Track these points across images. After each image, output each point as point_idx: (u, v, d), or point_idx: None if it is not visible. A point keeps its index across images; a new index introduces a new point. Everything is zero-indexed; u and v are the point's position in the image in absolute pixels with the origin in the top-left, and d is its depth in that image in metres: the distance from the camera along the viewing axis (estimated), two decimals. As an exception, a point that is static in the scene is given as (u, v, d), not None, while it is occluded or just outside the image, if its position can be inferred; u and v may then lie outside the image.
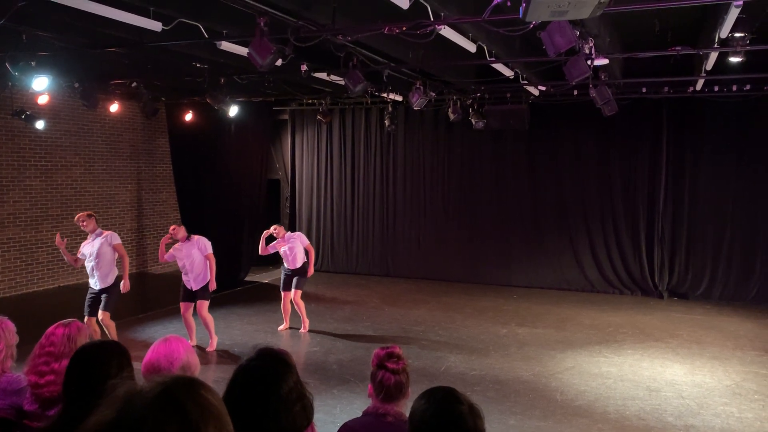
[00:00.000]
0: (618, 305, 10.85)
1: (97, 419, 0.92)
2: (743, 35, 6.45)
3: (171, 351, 2.39)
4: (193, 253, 8.07)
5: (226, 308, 10.31)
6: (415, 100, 9.49)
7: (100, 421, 0.91)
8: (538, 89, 10.62)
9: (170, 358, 2.35)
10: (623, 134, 11.60)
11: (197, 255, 8.08)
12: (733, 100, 10.50)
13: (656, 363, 7.73)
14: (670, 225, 11.57)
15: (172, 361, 2.33)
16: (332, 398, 6.41)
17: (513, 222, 12.56)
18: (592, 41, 6.29)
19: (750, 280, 11.12)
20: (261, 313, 10.22)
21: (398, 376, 2.59)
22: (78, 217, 7.79)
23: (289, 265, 9.07)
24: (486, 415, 5.74)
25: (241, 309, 10.45)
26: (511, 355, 8.07)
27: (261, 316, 9.99)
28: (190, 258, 8.07)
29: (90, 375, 2.19)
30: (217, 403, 1.01)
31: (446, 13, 5.67)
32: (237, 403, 1.82)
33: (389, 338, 8.69)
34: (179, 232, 8.12)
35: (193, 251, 8.08)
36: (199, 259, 8.08)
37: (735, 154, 11.08)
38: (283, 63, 7.51)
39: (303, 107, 13.60)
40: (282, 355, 2.00)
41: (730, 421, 5.96)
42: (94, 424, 0.92)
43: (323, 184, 14.16)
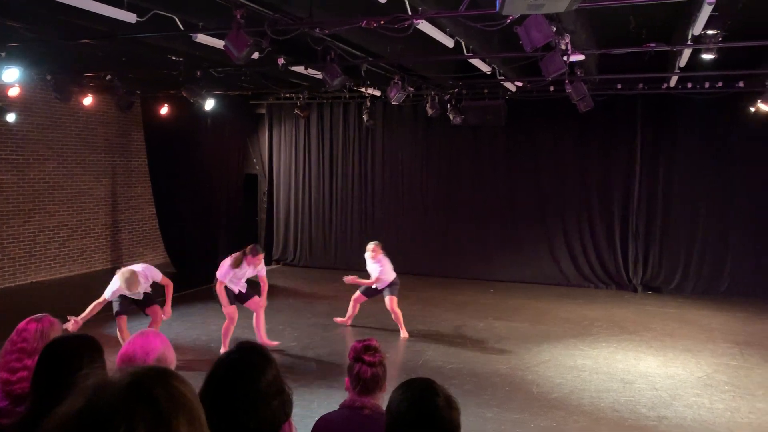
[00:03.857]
0: (593, 299, 10.99)
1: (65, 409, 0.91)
2: (716, 33, 6.55)
3: (147, 343, 2.37)
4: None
5: (203, 303, 10.21)
6: (393, 94, 9.49)
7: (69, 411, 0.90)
8: (515, 85, 10.67)
9: (146, 350, 2.33)
10: (599, 130, 11.73)
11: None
12: (706, 96, 10.66)
13: (630, 355, 7.85)
14: (644, 220, 11.74)
15: (147, 352, 2.31)
16: (310, 393, 6.40)
17: (491, 217, 12.63)
18: (568, 37, 6.35)
19: (721, 275, 11.34)
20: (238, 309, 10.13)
21: (375, 368, 2.60)
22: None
23: (381, 286, 8.74)
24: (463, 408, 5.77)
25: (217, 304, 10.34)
26: (489, 348, 8.13)
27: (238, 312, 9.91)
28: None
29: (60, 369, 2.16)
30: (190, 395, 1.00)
31: (424, 8, 5.68)
32: (215, 396, 1.81)
33: (368, 333, 8.70)
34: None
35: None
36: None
37: (707, 151, 11.27)
38: (260, 56, 7.48)
39: (280, 101, 13.52)
40: (261, 349, 2.00)
41: (702, 412, 6.07)
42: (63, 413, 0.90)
43: (301, 178, 14.11)
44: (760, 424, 5.79)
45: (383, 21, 5.69)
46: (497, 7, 3.04)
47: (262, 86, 11.51)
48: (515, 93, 11.23)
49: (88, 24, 6.45)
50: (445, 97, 11.41)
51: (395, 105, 10.96)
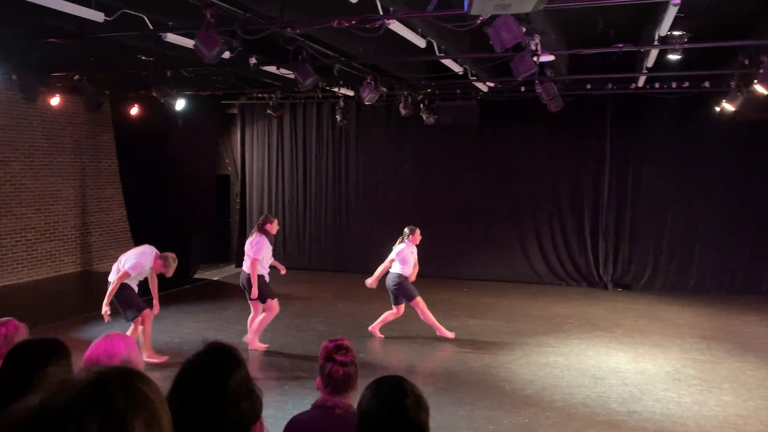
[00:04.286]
0: (565, 296, 11.13)
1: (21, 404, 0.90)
2: (681, 33, 6.70)
3: (111, 347, 2.34)
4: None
5: (176, 306, 10.11)
6: (366, 94, 9.50)
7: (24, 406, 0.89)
8: (487, 85, 10.76)
9: (110, 353, 2.30)
10: (569, 130, 11.88)
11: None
12: (673, 96, 10.86)
13: (601, 352, 7.96)
14: (614, 219, 11.93)
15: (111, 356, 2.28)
16: (283, 394, 6.38)
17: (464, 216, 12.71)
18: (538, 38, 6.42)
19: (689, 271, 11.58)
20: (211, 310, 10.08)
21: (347, 368, 2.60)
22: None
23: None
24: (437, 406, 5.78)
25: (190, 307, 10.28)
26: (462, 346, 8.18)
27: (211, 314, 9.85)
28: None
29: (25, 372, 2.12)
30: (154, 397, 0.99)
31: (395, 8, 5.70)
32: (183, 397, 1.79)
33: (342, 333, 8.67)
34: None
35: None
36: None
37: (675, 150, 11.49)
38: (232, 56, 7.42)
39: (253, 101, 13.43)
40: (230, 350, 1.98)
41: (670, 406, 6.19)
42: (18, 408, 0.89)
43: (274, 179, 14.03)
44: (725, 417, 5.93)
45: (354, 21, 5.70)
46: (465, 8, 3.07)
47: (233, 86, 11.43)
48: (487, 93, 11.32)
49: (54, 23, 6.35)
50: (418, 97, 11.46)
51: (368, 105, 10.97)
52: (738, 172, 11.31)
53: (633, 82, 10.34)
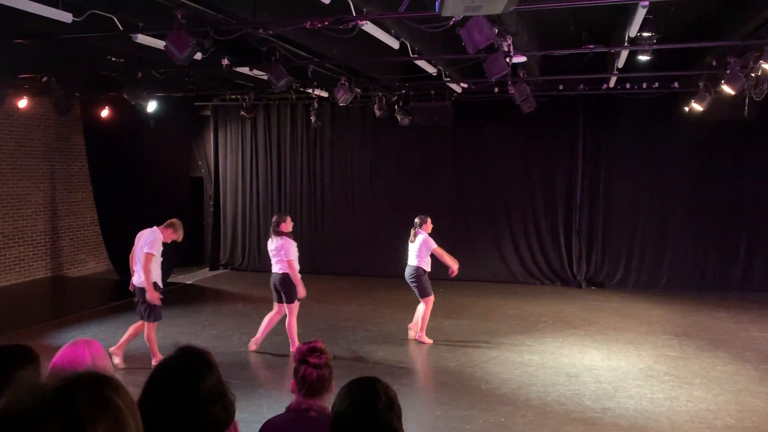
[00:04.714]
0: (539, 295, 11.23)
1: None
2: (651, 35, 6.79)
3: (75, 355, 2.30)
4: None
5: (149, 310, 9.97)
6: (341, 96, 9.49)
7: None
8: (461, 86, 10.82)
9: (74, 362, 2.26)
10: (542, 130, 11.99)
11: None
12: (644, 97, 11.03)
13: (575, 350, 8.05)
14: (586, 217, 12.07)
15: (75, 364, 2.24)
16: (259, 397, 6.33)
17: (439, 217, 12.68)
18: (510, 39, 6.47)
19: (661, 269, 11.77)
20: (185, 315, 9.97)
21: (321, 370, 2.59)
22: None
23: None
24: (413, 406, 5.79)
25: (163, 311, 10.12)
26: (438, 346, 8.20)
27: (185, 318, 9.74)
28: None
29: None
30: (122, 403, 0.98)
31: (368, 9, 5.70)
32: (154, 402, 1.77)
33: (318, 335, 8.65)
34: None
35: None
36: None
37: (646, 149, 11.67)
38: (204, 57, 7.34)
39: (226, 103, 13.31)
40: (202, 354, 1.96)
41: (643, 402, 6.28)
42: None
43: (248, 181, 13.93)
44: (697, 412, 6.03)
45: (327, 22, 5.68)
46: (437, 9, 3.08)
47: (206, 87, 11.33)
48: (461, 94, 11.38)
49: (21, 23, 6.22)
50: (392, 98, 11.47)
51: (343, 106, 10.96)
52: (707, 171, 11.53)
53: (604, 82, 10.48)
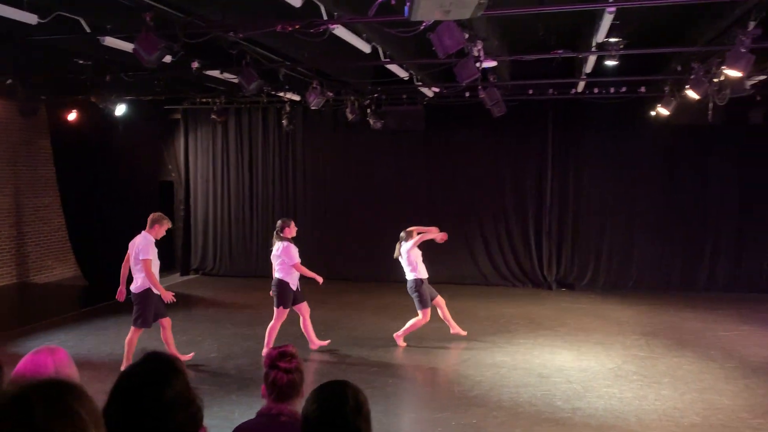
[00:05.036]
0: (510, 297, 11.34)
1: None
2: (617, 40, 6.93)
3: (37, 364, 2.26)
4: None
5: (118, 316, 9.81)
6: (312, 99, 9.47)
7: None
8: (432, 91, 10.88)
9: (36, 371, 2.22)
10: (513, 134, 12.14)
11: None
12: (611, 101, 11.22)
13: (546, 351, 8.13)
14: (556, 220, 12.24)
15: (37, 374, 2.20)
16: (230, 403, 6.27)
17: (411, 220, 12.73)
18: (480, 44, 6.54)
19: (629, 271, 11.99)
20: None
21: (291, 375, 2.58)
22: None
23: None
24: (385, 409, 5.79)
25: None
26: (410, 349, 8.22)
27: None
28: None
29: None
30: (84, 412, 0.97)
31: (339, 13, 5.71)
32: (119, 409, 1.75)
33: (289, 340, 8.60)
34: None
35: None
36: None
37: (614, 153, 11.90)
38: (174, 60, 7.28)
39: (196, 106, 13.18)
40: (169, 359, 1.94)
41: (612, 402, 6.37)
42: None
43: (219, 185, 13.81)
44: (664, 410, 6.14)
45: (298, 26, 5.68)
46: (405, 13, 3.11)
47: (176, 91, 11.21)
48: (433, 98, 11.45)
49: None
50: (364, 102, 11.48)
51: (315, 110, 10.94)
52: (673, 174, 11.80)
53: (573, 87, 10.63)
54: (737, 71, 6.45)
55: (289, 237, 7.99)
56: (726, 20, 6.31)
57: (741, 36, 6.10)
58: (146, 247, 7.15)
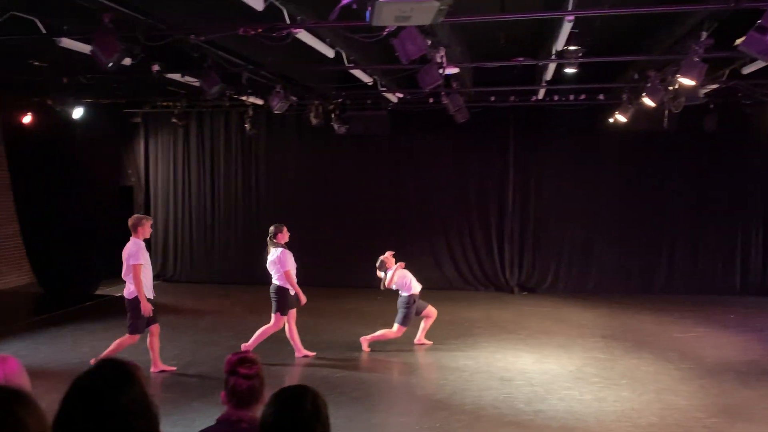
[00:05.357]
0: (474, 301, 11.44)
1: None
2: (576, 48, 7.07)
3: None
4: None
5: (75, 325, 9.61)
6: (276, 104, 9.42)
7: None
8: (397, 96, 10.93)
9: None
10: (475, 140, 12.28)
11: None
12: (571, 108, 11.45)
13: (509, 354, 8.22)
14: (518, 225, 12.43)
15: None
16: (192, 411, 6.17)
17: (376, 225, 12.81)
18: (443, 50, 6.60)
19: (589, 274, 12.24)
20: (114, 328, 9.56)
21: (251, 381, 2.55)
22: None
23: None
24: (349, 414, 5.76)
25: (91, 325, 9.77)
26: (375, 354, 8.22)
27: (114, 332, 9.32)
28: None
29: None
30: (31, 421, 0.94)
31: (302, 17, 5.69)
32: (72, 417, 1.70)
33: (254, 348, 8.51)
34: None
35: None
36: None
37: (573, 159, 12.14)
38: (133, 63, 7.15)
39: (157, 110, 12.97)
40: (123, 366, 1.89)
41: (573, 404, 6.47)
42: None
43: (181, 190, 13.61)
44: (623, 411, 6.26)
45: (261, 29, 5.65)
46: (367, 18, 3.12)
47: (136, 94, 11.03)
48: (397, 104, 11.50)
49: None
50: (328, 107, 11.46)
51: (278, 114, 10.88)
52: (630, 179, 12.09)
53: (533, 94, 10.82)
54: (691, 80, 6.64)
55: (283, 243, 7.97)
56: (680, 30, 6.50)
57: (694, 46, 6.28)
58: (137, 252, 7.03)
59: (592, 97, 10.83)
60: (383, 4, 2.85)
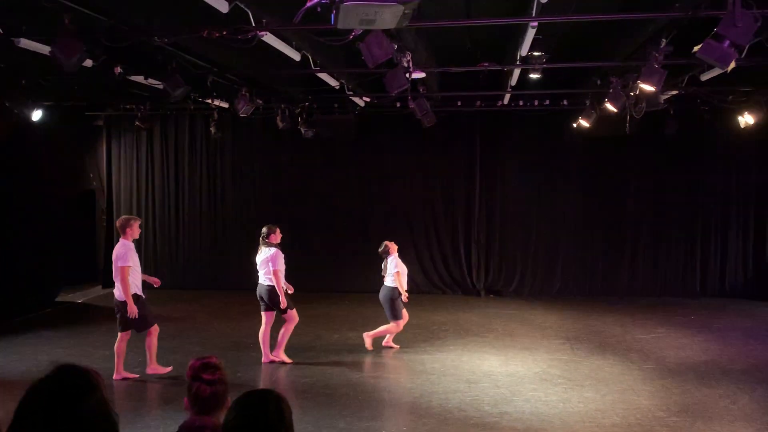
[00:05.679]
0: (440, 304, 11.50)
1: None
2: (540, 54, 7.17)
3: None
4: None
5: (34, 332, 9.37)
6: (241, 107, 9.34)
7: None
8: (364, 100, 10.94)
9: None
10: (442, 144, 12.38)
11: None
12: (536, 113, 11.61)
13: (475, 356, 8.28)
14: (485, 229, 12.55)
15: None
16: (155, 419, 6.07)
17: (343, 229, 12.79)
18: (409, 55, 6.63)
19: (554, 277, 12.41)
20: (74, 335, 9.41)
21: (214, 387, 2.52)
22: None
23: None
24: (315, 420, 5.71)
25: (51, 332, 9.54)
26: (343, 359, 8.20)
27: (74, 339, 9.19)
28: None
29: None
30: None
31: (268, 20, 5.66)
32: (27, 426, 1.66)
33: (218, 353, 8.39)
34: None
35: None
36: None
37: (538, 163, 12.32)
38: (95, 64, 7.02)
39: (120, 112, 12.72)
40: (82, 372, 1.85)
41: (538, 405, 6.53)
42: None
43: (144, 194, 13.38)
44: (587, 412, 6.34)
45: (225, 32, 5.60)
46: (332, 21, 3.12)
47: (98, 96, 10.81)
48: (364, 108, 11.50)
49: None
50: (295, 110, 11.40)
51: (245, 117, 10.77)
52: (594, 183, 12.30)
53: (499, 99, 10.93)
54: (651, 86, 6.78)
55: (275, 243, 7.97)
56: (641, 37, 6.64)
57: (654, 52, 6.43)
58: (125, 254, 7.03)
59: (556, 103, 10.99)
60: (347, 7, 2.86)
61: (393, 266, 8.64)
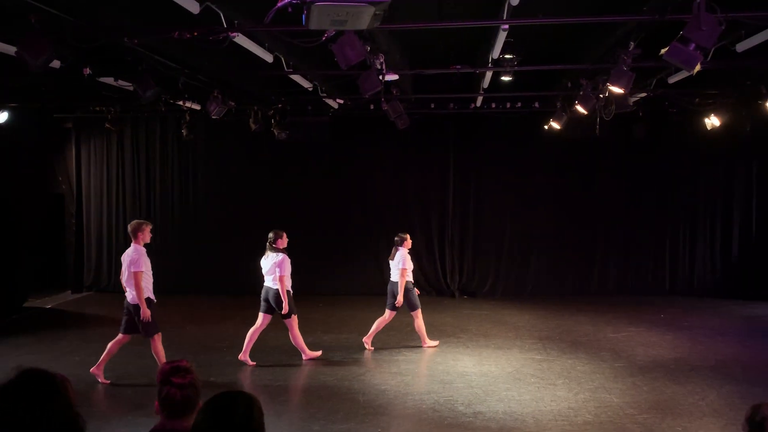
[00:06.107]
0: (416, 307, 11.48)
1: None
2: (512, 57, 7.24)
3: None
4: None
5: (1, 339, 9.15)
6: (213, 109, 9.28)
7: None
8: (337, 102, 10.92)
9: None
10: (416, 146, 12.42)
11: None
12: (508, 115, 11.71)
13: (449, 357, 8.31)
14: (458, 230, 12.62)
15: None
16: (126, 425, 5.98)
17: (318, 231, 12.74)
18: (382, 57, 6.64)
19: (526, 278, 12.54)
20: (43, 341, 9.22)
21: (185, 390, 2.48)
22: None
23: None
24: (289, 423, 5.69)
25: (18, 339, 9.34)
26: (317, 362, 8.17)
27: (43, 345, 9.01)
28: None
29: None
30: None
31: (239, 21, 5.62)
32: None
33: (190, 357, 8.31)
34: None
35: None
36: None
37: (511, 165, 12.43)
38: (63, 65, 6.91)
39: (89, 114, 12.51)
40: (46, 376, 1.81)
41: (512, 404, 6.58)
42: None
43: (114, 197, 13.18)
44: (560, 410, 6.41)
45: (197, 33, 5.55)
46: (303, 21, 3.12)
47: (67, 98, 10.63)
48: (338, 110, 11.48)
49: None
50: (268, 112, 11.33)
51: (217, 119, 10.67)
52: (565, 184, 12.46)
53: (472, 101, 11.01)
54: (620, 88, 6.89)
55: (282, 248, 7.96)
56: (610, 40, 6.74)
57: (623, 55, 6.54)
58: (138, 259, 7.05)
59: (528, 105, 11.11)
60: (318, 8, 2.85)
61: (400, 261, 8.69)
